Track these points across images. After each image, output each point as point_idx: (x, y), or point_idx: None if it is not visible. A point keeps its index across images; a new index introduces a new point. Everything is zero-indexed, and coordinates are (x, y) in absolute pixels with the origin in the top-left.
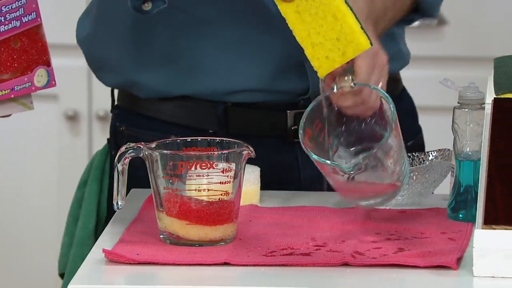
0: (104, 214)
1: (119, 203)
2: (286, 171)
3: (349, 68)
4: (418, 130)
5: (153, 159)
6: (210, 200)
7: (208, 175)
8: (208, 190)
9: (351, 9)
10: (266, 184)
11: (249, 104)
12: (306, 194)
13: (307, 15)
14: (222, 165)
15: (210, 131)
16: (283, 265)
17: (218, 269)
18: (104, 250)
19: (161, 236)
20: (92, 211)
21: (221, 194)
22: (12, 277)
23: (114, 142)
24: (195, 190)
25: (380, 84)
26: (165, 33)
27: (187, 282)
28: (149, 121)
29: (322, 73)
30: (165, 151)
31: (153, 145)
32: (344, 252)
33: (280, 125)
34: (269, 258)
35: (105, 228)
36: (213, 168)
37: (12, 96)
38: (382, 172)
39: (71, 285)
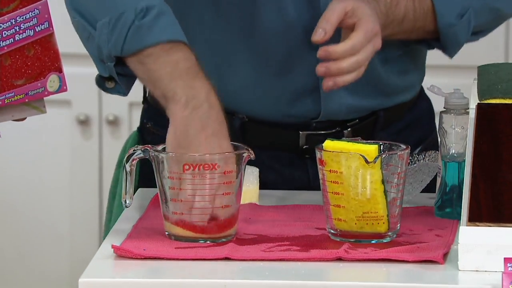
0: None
1: (127, 202)
2: (298, 183)
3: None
4: (433, 128)
5: (159, 160)
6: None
7: (210, 176)
8: (211, 189)
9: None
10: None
11: (264, 121)
12: (302, 193)
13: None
14: (223, 166)
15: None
16: (280, 260)
17: (219, 263)
18: (113, 246)
19: (166, 233)
20: None
21: (223, 194)
22: (24, 277)
23: (141, 136)
24: (198, 189)
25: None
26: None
27: (190, 276)
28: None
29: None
30: (171, 153)
31: (160, 147)
32: (337, 247)
33: (293, 144)
34: (267, 254)
35: (114, 225)
36: (215, 169)
37: (27, 100)
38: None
39: (82, 278)
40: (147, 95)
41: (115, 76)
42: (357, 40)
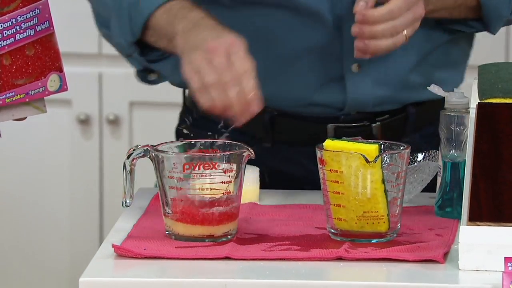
0: None
1: (127, 201)
2: None
3: None
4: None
5: (160, 160)
6: (213, 199)
7: (211, 175)
8: (211, 189)
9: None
10: (301, 188)
11: (293, 114)
12: (302, 192)
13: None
14: (224, 165)
15: (260, 136)
16: (281, 259)
17: (219, 263)
18: (113, 245)
19: (167, 232)
20: None
21: (223, 193)
22: (24, 277)
23: (177, 138)
24: (199, 189)
25: (405, 32)
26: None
27: (191, 275)
28: (205, 122)
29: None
30: (171, 153)
31: (160, 147)
32: (338, 247)
33: (322, 137)
34: (267, 253)
35: (114, 225)
36: (216, 168)
37: (27, 100)
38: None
39: (83, 277)
40: (185, 99)
41: (145, 64)
42: (395, 5)
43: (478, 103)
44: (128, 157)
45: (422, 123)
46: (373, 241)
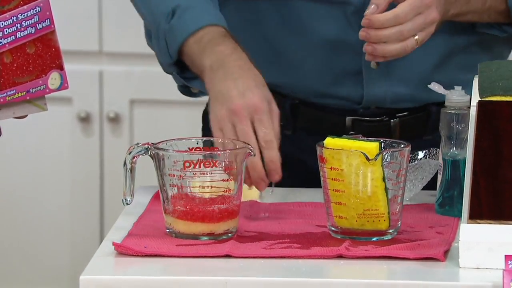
0: None
1: (128, 199)
2: None
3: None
4: None
5: (160, 158)
6: (213, 196)
7: (211, 173)
8: (211, 187)
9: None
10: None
11: (313, 104)
12: (303, 190)
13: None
14: (224, 163)
15: (281, 123)
16: (281, 257)
17: (220, 261)
18: (113, 243)
19: (167, 230)
20: None
21: (223, 191)
22: (24, 275)
23: (203, 122)
24: (199, 187)
25: (417, 37)
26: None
27: (191, 273)
28: None
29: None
30: (171, 151)
31: (160, 145)
32: (338, 244)
33: (339, 128)
34: (268, 251)
35: (115, 223)
36: (216, 166)
37: (28, 98)
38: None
39: (83, 275)
40: None
41: (184, 82)
42: (401, 10)
43: (479, 101)
44: (128, 155)
45: None
46: (374, 239)
